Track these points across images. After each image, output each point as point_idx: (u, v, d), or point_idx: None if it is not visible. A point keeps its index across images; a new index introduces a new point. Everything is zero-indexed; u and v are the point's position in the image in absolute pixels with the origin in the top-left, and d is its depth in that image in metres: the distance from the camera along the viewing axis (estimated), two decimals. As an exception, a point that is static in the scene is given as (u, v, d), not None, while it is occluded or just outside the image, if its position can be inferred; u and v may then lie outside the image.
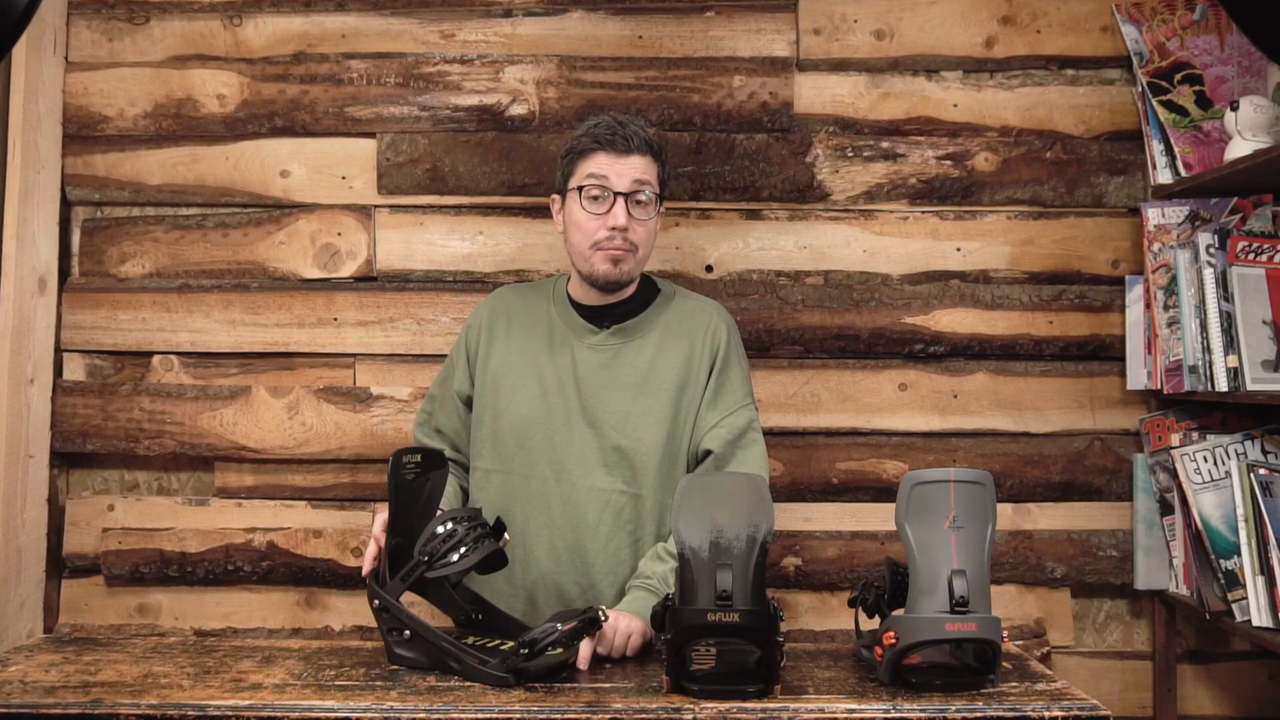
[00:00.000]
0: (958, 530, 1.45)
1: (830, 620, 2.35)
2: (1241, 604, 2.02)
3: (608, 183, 1.82)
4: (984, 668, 1.49)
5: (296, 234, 2.37)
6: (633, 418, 1.87)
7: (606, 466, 1.86)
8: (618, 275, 1.86)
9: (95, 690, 1.45)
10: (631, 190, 1.83)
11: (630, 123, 1.86)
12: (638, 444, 1.86)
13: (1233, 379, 2.07)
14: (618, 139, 1.83)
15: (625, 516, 1.86)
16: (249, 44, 2.39)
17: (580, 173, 1.85)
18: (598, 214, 1.83)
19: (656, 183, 1.87)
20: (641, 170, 1.84)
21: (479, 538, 1.57)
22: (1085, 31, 2.38)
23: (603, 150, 1.83)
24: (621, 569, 1.86)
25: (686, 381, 1.89)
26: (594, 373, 1.89)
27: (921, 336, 2.34)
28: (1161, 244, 2.26)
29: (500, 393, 1.92)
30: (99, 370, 2.38)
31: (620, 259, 1.84)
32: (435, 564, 1.54)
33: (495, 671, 1.48)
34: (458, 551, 1.55)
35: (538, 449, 1.88)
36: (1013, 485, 2.34)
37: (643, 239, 1.86)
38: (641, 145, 1.84)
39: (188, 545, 2.34)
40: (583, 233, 1.85)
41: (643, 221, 1.85)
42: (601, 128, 1.85)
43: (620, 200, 1.82)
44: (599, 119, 1.88)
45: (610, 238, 1.82)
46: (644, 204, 1.84)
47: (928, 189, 2.36)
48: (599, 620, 1.54)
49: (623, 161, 1.83)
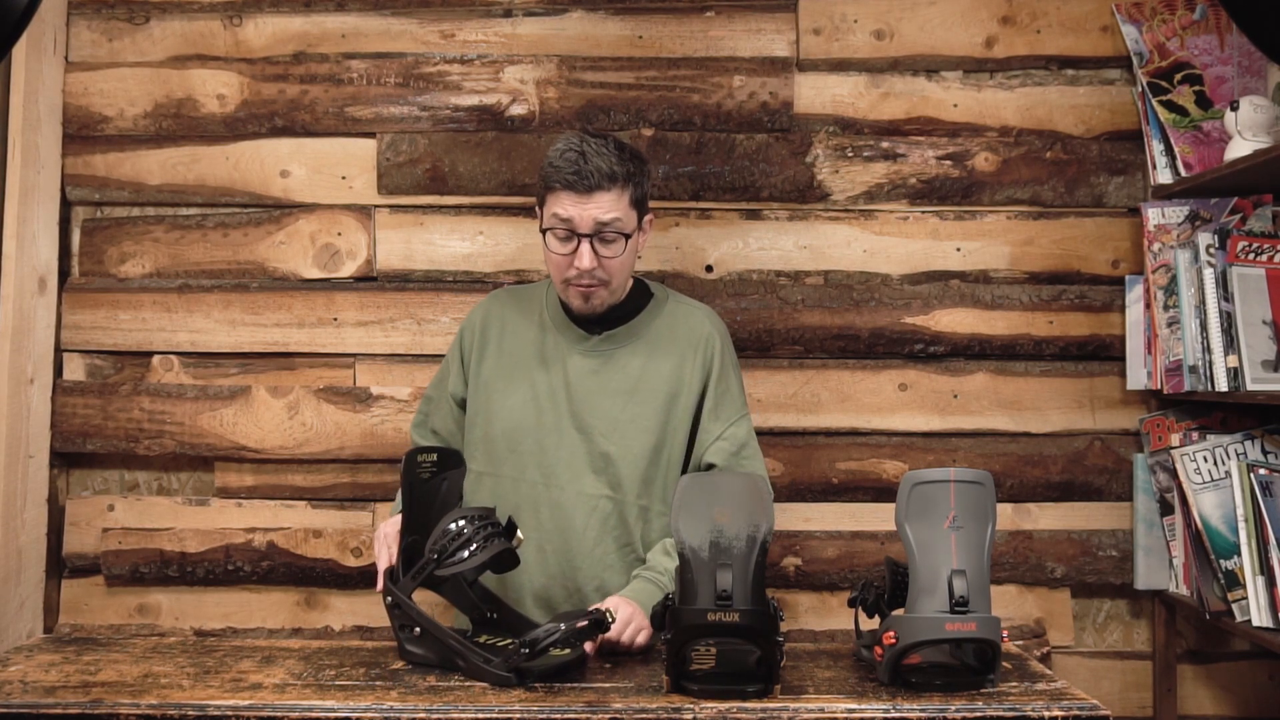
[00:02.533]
0: (958, 530, 1.45)
1: (830, 620, 2.35)
2: (1241, 604, 2.02)
3: (572, 225, 1.79)
4: (984, 668, 1.49)
5: (296, 234, 2.37)
6: (621, 424, 1.87)
7: (594, 472, 1.87)
8: (589, 309, 1.86)
9: (95, 690, 1.45)
10: (595, 232, 1.79)
11: (594, 153, 1.78)
12: (626, 451, 1.86)
13: (1233, 379, 2.07)
14: (579, 178, 1.76)
15: (612, 523, 1.87)
16: (249, 44, 2.39)
17: (548, 209, 1.82)
18: (565, 254, 1.81)
19: (629, 210, 1.81)
20: (607, 207, 1.78)
21: (489, 536, 1.57)
22: (1085, 31, 2.38)
23: (565, 189, 1.78)
24: (608, 574, 1.87)
25: (678, 390, 1.89)
26: (584, 379, 1.89)
27: (921, 336, 2.34)
28: (1161, 244, 2.26)
29: (492, 396, 1.92)
30: (99, 370, 2.38)
31: (590, 294, 1.84)
32: (444, 561, 1.54)
33: (498, 670, 1.49)
34: (468, 549, 1.55)
35: (527, 453, 1.88)
36: (1013, 485, 2.34)
37: (615, 271, 1.83)
38: (604, 180, 1.77)
39: (188, 545, 2.34)
40: (554, 267, 1.85)
41: (611, 258, 1.81)
42: (565, 160, 1.78)
43: (585, 242, 1.79)
44: (566, 145, 1.81)
45: (579, 276, 1.81)
46: (611, 242, 1.80)
47: (928, 189, 2.36)
48: (605, 622, 1.55)
49: (587, 201, 1.77)
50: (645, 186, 1.87)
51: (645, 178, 1.87)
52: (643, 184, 1.86)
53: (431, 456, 1.66)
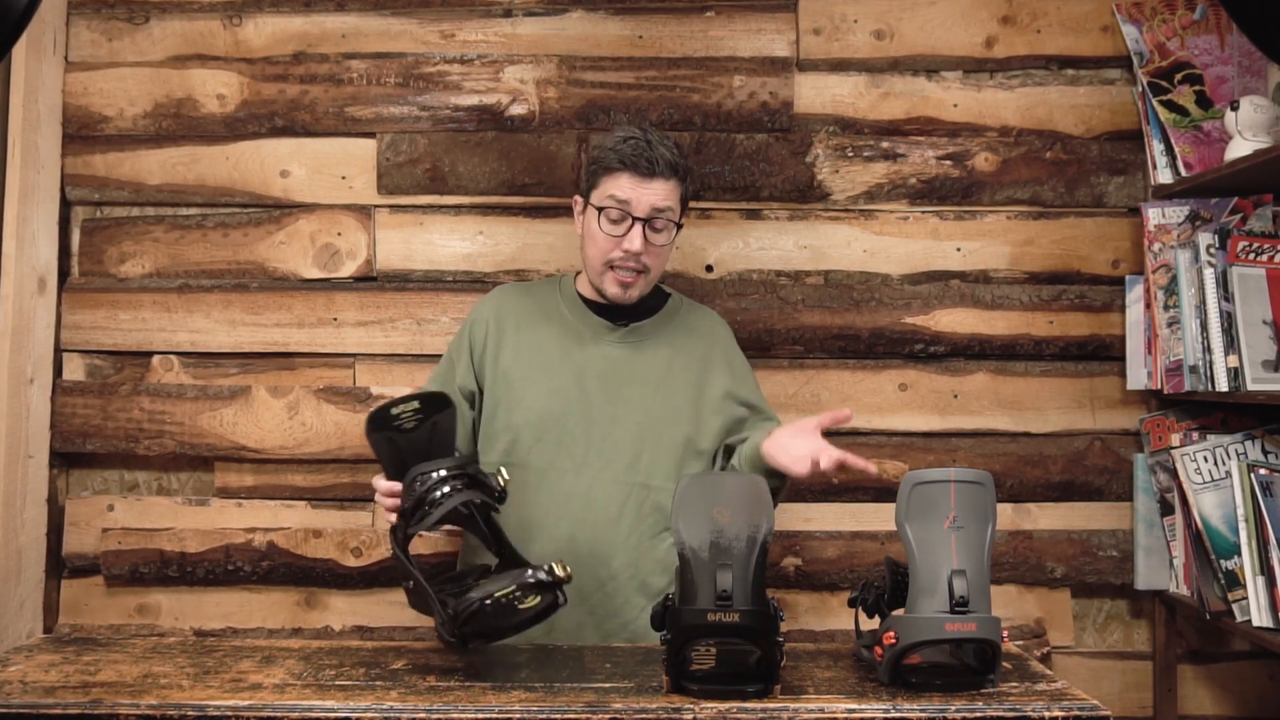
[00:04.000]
0: (958, 530, 1.45)
1: (830, 620, 2.35)
2: (1242, 604, 2.02)
3: (629, 208, 1.84)
4: (984, 668, 1.49)
5: (296, 234, 2.37)
6: (653, 414, 1.89)
7: (628, 461, 1.88)
8: (625, 299, 1.90)
9: (95, 690, 1.45)
10: (650, 216, 1.84)
11: (659, 143, 1.85)
12: (660, 439, 1.89)
13: (1233, 379, 2.07)
14: (643, 161, 1.82)
15: (646, 510, 1.88)
16: (249, 44, 2.39)
17: (603, 190, 1.86)
18: (615, 235, 1.85)
19: (679, 205, 1.89)
20: (664, 196, 1.84)
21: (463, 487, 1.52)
22: (1085, 31, 2.38)
23: (628, 171, 1.83)
24: (643, 561, 1.88)
25: (704, 383, 1.94)
26: (615, 368, 1.91)
27: (921, 336, 2.34)
28: (1162, 244, 2.26)
29: (513, 387, 1.92)
30: (99, 370, 2.38)
31: (630, 284, 1.88)
32: (414, 521, 1.52)
33: (445, 636, 1.51)
34: (436, 507, 1.50)
35: (555, 443, 1.89)
36: (1013, 485, 2.34)
37: (655, 262, 1.89)
38: (666, 169, 1.84)
39: (188, 545, 2.34)
40: (598, 249, 1.88)
41: (658, 247, 1.87)
42: (630, 146, 1.84)
43: (639, 225, 1.84)
44: (630, 133, 1.87)
45: (624, 259, 1.85)
46: (661, 230, 1.86)
47: (928, 189, 2.36)
48: (549, 584, 1.49)
49: (646, 186, 1.83)
50: (690, 191, 1.94)
51: (692, 179, 1.95)
52: (690, 185, 1.93)
53: (412, 405, 1.58)
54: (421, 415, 1.61)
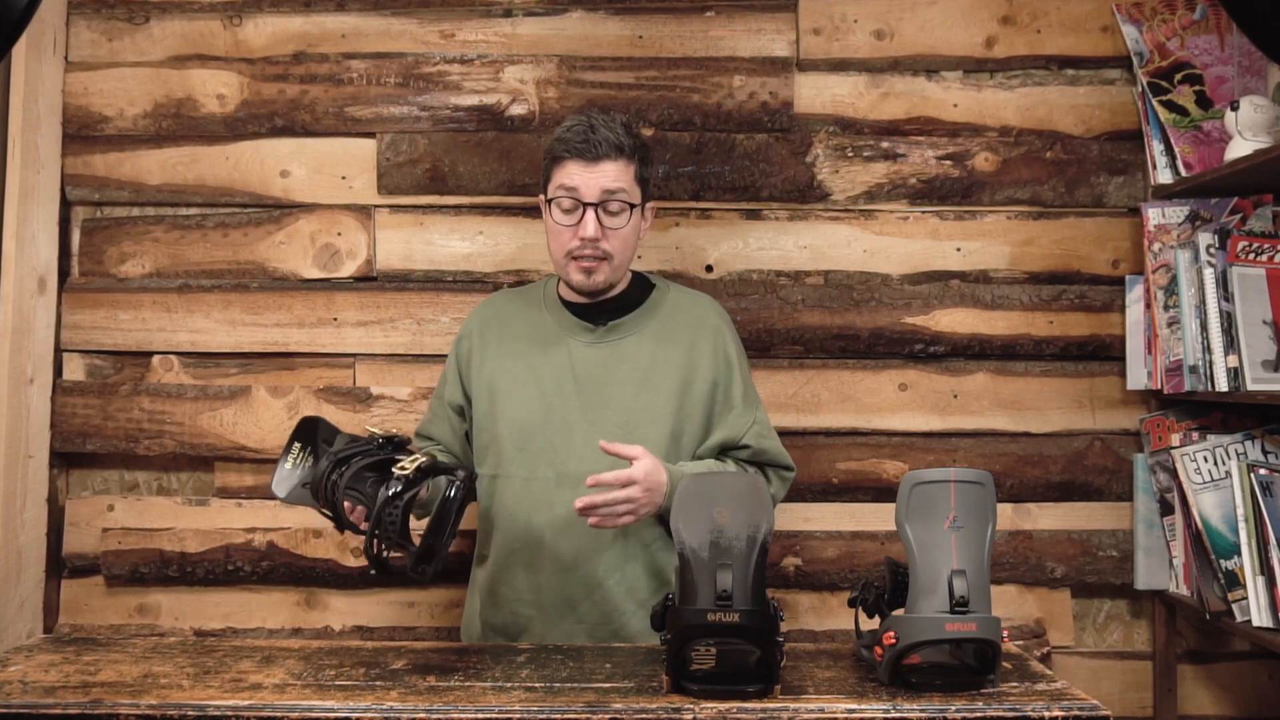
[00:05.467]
0: (958, 530, 1.45)
1: (830, 620, 2.34)
2: (1241, 604, 2.02)
3: (578, 194, 1.81)
4: (984, 668, 1.48)
5: (296, 234, 2.37)
6: (635, 414, 1.86)
7: (610, 465, 1.85)
8: (590, 285, 1.86)
9: (95, 690, 1.45)
10: (602, 200, 1.81)
11: (602, 125, 1.82)
12: (642, 440, 1.83)
13: (1233, 379, 2.07)
14: (587, 146, 1.80)
15: None
16: (249, 44, 2.39)
17: (554, 181, 1.84)
18: (570, 225, 1.83)
19: (634, 184, 1.85)
20: (613, 177, 1.81)
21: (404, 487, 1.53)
22: (1085, 31, 2.38)
23: (574, 158, 1.81)
24: (629, 566, 1.85)
25: (691, 377, 1.89)
26: (593, 370, 1.88)
27: (921, 336, 2.34)
28: (1161, 244, 2.26)
29: (496, 398, 1.91)
30: (99, 370, 2.38)
31: (592, 270, 1.84)
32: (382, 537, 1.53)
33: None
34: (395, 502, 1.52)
35: (538, 451, 1.87)
36: (1013, 485, 2.34)
37: (617, 247, 1.85)
38: (612, 150, 1.81)
39: (188, 545, 2.34)
40: (557, 241, 1.86)
41: (616, 231, 1.83)
42: (573, 133, 1.82)
43: (590, 211, 1.81)
44: (575, 120, 1.85)
45: (581, 247, 1.82)
46: (617, 213, 1.83)
47: (928, 189, 2.36)
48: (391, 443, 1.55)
49: (593, 170, 1.80)
50: (650, 169, 1.91)
51: (650, 160, 1.91)
52: (648, 163, 1.89)
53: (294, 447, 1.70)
54: (305, 451, 1.69)
